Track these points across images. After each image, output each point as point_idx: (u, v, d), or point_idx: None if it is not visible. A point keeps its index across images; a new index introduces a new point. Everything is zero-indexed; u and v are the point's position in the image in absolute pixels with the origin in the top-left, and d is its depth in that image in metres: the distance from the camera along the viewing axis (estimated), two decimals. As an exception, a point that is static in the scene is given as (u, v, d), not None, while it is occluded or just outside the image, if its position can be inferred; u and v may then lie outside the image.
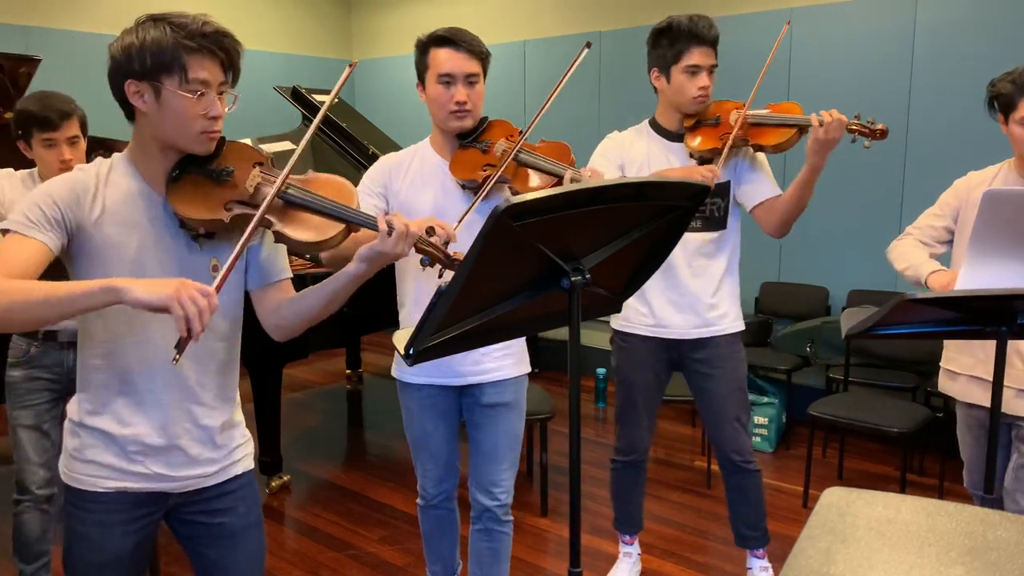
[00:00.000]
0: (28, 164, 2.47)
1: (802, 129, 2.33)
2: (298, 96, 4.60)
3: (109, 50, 1.45)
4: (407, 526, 3.34)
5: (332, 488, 3.77)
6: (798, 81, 4.40)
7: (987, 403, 2.25)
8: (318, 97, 4.58)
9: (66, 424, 1.57)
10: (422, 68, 2.15)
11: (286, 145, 4.42)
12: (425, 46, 2.14)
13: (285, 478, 3.75)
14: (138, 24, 1.44)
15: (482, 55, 2.13)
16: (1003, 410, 2.14)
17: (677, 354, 2.63)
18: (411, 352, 1.28)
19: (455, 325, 1.28)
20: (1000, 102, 2.17)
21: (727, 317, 2.58)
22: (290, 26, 6.41)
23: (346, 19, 6.89)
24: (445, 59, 2.09)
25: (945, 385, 2.41)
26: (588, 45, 2.17)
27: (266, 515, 3.50)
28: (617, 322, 2.69)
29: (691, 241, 2.52)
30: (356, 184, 2.25)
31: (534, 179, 2.15)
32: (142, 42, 1.41)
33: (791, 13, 4.43)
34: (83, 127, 2.41)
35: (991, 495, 1.81)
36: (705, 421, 2.69)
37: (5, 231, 1.39)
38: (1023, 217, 1.80)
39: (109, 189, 1.47)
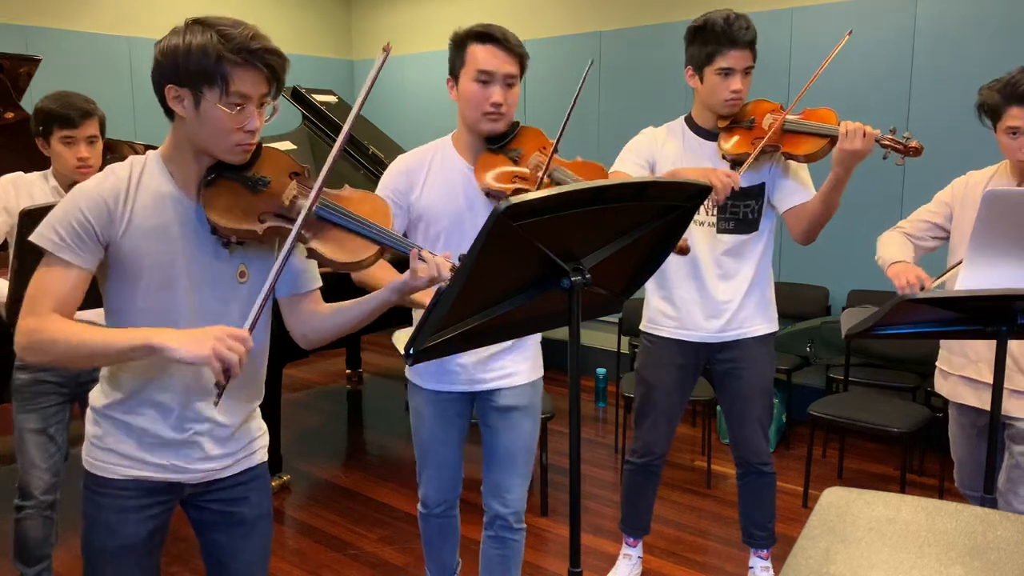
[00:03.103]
0: (35, 164, 2.47)
1: (833, 140, 2.25)
2: (298, 96, 4.59)
3: (155, 49, 1.43)
4: (407, 526, 3.34)
5: (332, 488, 3.77)
6: (798, 81, 4.40)
7: (976, 404, 2.27)
8: (318, 97, 4.58)
9: (88, 412, 1.59)
10: (457, 64, 2.04)
11: (286, 145, 4.42)
12: (463, 41, 2.03)
13: (285, 478, 3.75)
14: (186, 26, 1.41)
15: (523, 57, 2.04)
16: (984, 408, 2.15)
17: (705, 357, 2.59)
18: (411, 352, 1.28)
19: (455, 325, 1.28)
20: (987, 110, 2.17)
21: (755, 320, 2.53)
22: (290, 26, 6.41)
23: (346, 19, 6.89)
24: (485, 56, 1.98)
25: (938, 383, 2.42)
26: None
27: (266, 515, 3.51)
28: (643, 323, 2.66)
29: (720, 243, 2.48)
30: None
31: None
32: (188, 47, 1.38)
33: (791, 13, 4.43)
34: (102, 127, 2.45)
35: (991, 495, 1.80)
36: (727, 420, 2.67)
37: (37, 249, 1.41)
38: (1023, 217, 1.80)
39: (140, 192, 1.46)
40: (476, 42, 2.00)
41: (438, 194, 2.08)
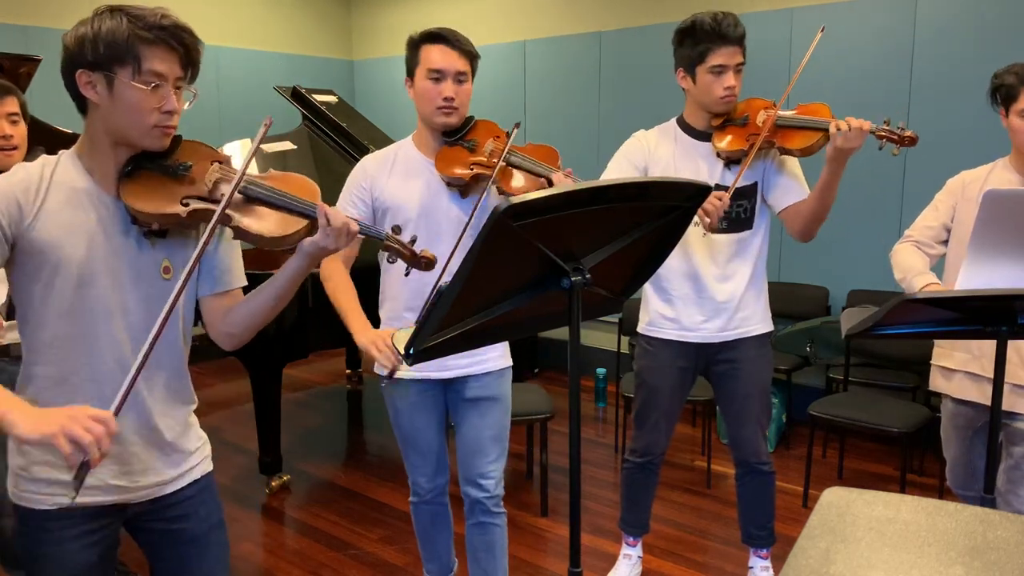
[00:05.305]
0: None
1: (827, 133, 2.26)
2: (298, 96, 4.59)
3: (63, 40, 1.40)
4: (407, 526, 3.33)
5: (332, 488, 3.77)
6: (798, 80, 4.39)
7: (981, 400, 2.26)
8: (318, 97, 4.58)
9: (11, 441, 1.46)
10: (412, 64, 2.18)
11: (286, 145, 4.42)
12: (417, 43, 2.17)
13: (285, 478, 3.75)
14: (95, 15, 1.39)
15: (472, 55, 2.16)
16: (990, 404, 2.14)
17: (704, 357, 2.58)
18: (411, 352, 1.28)
19: (455, 325, 1.28)
20: (1002, 93, 2.17)
21: (753, 319, 2.53)
22: (290, 26, 6.41)
23: (346, 19, 6.89)
24: (437, 56, 2.12)
25: (938, 383, 2.41)
26: (517, 125, 2.22)
27: (266, 515, 3.50)
28: (642, 326, 2.66)
29: (717, 243, 2.48)
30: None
31: (519, 180, 2.16)
32: (96, 32, 1.36)
33: (792, 13, 4.43)
34: (23, 109, 2.41)
35: (991, 495, 1.80)
36: (726, 420, 2.67)
37: None
38: (1023, 217, 1.80)
39: (53, 188, 1.41)
40: (428, 43, 2.15)
41: (402, 188, 2.20)
